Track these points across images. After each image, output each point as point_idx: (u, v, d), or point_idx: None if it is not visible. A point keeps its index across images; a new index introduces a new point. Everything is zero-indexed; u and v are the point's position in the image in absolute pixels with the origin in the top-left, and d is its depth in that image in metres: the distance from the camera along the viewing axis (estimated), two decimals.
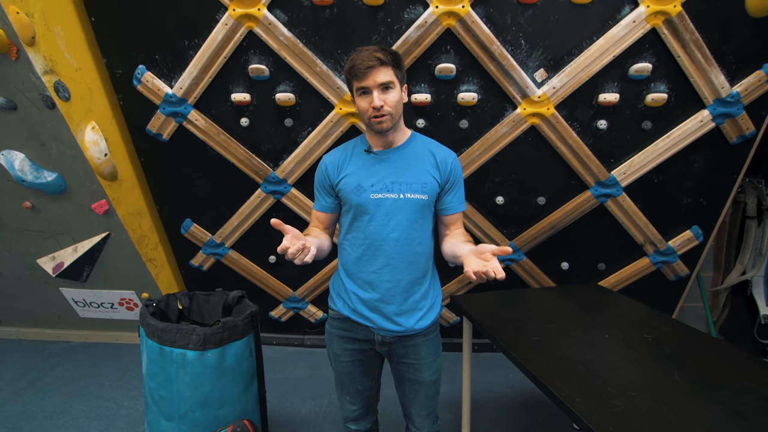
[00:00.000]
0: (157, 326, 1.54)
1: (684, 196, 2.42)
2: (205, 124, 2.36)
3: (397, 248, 1.39)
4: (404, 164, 1.41)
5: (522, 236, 2.59)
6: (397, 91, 1.34)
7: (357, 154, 1.45)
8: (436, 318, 1.51)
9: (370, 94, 1.32)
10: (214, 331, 1.52)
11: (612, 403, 1.20)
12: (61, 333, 3.22)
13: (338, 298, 1.51)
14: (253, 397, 1.70)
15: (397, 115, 1.36)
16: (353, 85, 1.35)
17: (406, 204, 1.38)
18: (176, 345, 1.51)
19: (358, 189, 1.40)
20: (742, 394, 1.24)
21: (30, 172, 2.36)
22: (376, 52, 1.29)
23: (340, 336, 1.51)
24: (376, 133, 1.40)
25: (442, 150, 1.47)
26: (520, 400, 2.50)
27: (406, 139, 1.45)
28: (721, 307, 3.11)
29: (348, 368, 1.53)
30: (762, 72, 2.05)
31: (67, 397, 2.52)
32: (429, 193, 1.40)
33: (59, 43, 2.09)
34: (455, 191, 1.47)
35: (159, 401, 1.57)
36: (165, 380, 1.53)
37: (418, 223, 1.41)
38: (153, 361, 1.56)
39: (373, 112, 1.32)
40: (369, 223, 1.39)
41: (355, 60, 1.31)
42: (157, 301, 1.79)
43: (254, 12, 2.08)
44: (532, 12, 2.05)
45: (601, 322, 1.78)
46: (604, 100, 2.18)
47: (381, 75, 1.30)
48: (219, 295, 1.93)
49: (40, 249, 2.76)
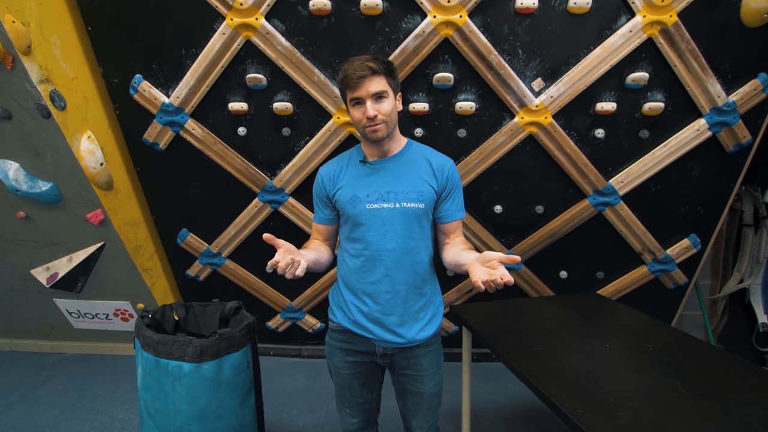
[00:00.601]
0: (153, 338, 1.51)
1: (681, 204, 2.42)
2: (202, 134, 2.35)
3: (396, 258, 1.38)
4: (400, 173, 1.40)
5: (520, 245, 2.58)
6: (391, 100, 1.34)
7: (353, 164, 1.45)
8: (437, 328, 1.49)
9: (363, 103, 1.31)
10: (210, 343, 1.50)
11: (615, 414, 1.19)
12: (54, 344, 3.17)
13: (338, 310, 1.49)
14: (251, 409, 1.67)
15: (391, 124, 1.36)
16: (347, 95, 1.34)
17: (403, 213, 1.37)
18: (172, 357, 1.48)
19: (353, 200, 1.39)
20: (746, 404, 1.23)
21: (24, 182, 2.33)
22: (369, 62, 1.29)
23: (341, 348, 1.49)
24: (371, 143, 1.39)
25: (438, 157, 1.46)
26: (519, 411, 2.47)
27: (402, 148, 1.44)
28: (719, 316, 3.11)
29: (348, 381, 1.51)
30: (758, 81, 2.06)
31: (60, 410, 2.47)
32: (426, 202, 1.39)
33: (55, 52, 2.08)
34: (453, 198, 1.45)
35: (154, 414, 1.53)
36: (160, 393, 1.50)
37: (416, 232, 1.40)
38: (148, 374, 1.53)
39: (367, 122, 1.32)
40: (366, 233, 1.38)
41: (348, 70, 1.31)
42: (153, 312, 1.77)
43: (252, 21, 2.08)
44: (530, 22, 2.06)
45: (602, 332, 1.77)
46: (601, 109, 2.19)
47: (374, 84, 1.29)
48: (216, 306, 1.90)
49: (34, 259, 2.72)
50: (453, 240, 1.46)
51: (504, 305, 2.06)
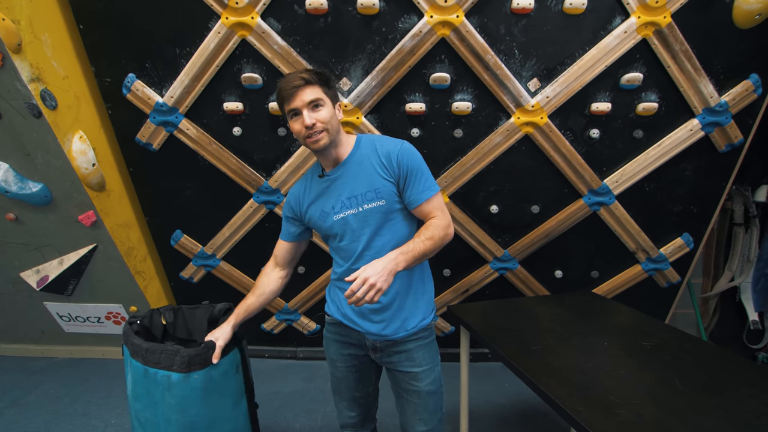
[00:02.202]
0: (142, 346, 1.47)
1: (674, 203, 2.45)
2: (197, 134, 2.33)
3: (371, 258, 1.33)
4: (354, 176, 1.39)
5: (516, 245, 2.59)
6: (329, 108, 1.33)
7: (314, 181, 1.45)
8: (428, 321, 1.48)
9: (300, 114, 1.31)
10: (198, 352, 1.46)
11: (615, 412, 1.20)
12: (44, 349, 3.12)
13: (332, 304, 1.54)
14: (244, 413, 1.64)
15: (333, 131, 1.34)
16: (284, 108, 1.34)
17: (368, 215, 1.37)
18: (161, 366, 1.44)
19: (322, 215, 1.42)
20: (743, 400, 1.25)
21: (14, 183, 2.29)
22: (301, 73, 1.30)
23: (336, 340, 1.53)
24: (318, 153, 1.39)
25: (385, 144, 1.39)
26: (515, 410, 2.48)
27: (352, 149, 1.41)
28: (711, 314, 3.15)
29: (344, 373, 1.54)
30: (749, 81, 2.09)
31: (51, 415, 2.42)
32: (386, 197, 1.36)
33: (46, 51, 2.05)
34: (413, 182, 1.36)
35: (145, 424, 1.50)
36: (150, 403, 1.47)
37: (387, 229, 1.39)
38: (138, 382, 1.49)
39: (307, 132, 1.31)
40: (340, 242, 1.42)
41: (282, 83, 1.31)
42: (141, 317, 1.73)
43: (248, 20, 2.06)
44: (526, 22, 2.07)
45: (599, 330, 1.78)
46: (596, 110, 2.20)
47: (307, 93, 1.29)
48: (205, 308, 1.85)
49: (23, 262, 2.67)
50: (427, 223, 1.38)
51: (501, 305, 2.06)
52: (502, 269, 2.68)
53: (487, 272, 2.69)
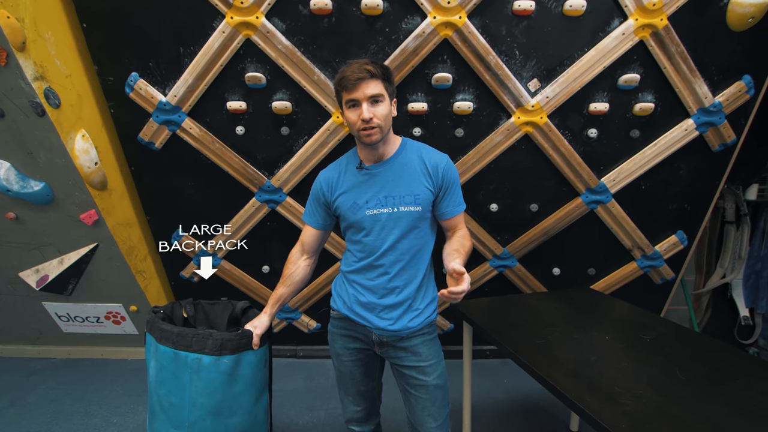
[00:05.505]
0: (173, 330, 1.50)
1: (669, 202, 2.50)
2: (200, 133, 2.33)
3: (394, 258, 1.43)
4: (396, 177, 1.42)
5: (515, 243, 2.63)
6: (387, 105, 1.35)
7: (350, 170, 1.47)
8: (432, 316, 1.52)
9: (359, 106, 1.32)
10: (231, 337, 1.50)
11: (621, 402, 1.23)
12: (42, 349, 3.09)
13: (339, 299, 1.55)
14: (264, 408, 1.67)
15: (386, 128, 1.37)
16: (342, 96, 1.36)
17: (401, 217, 1.40)
18: (192, 350, 1.47)
19: (354, 207, 1.43)
20: (741, 389, 1.29)
21: (16, 182, 2.27)
22: (367, 65, 1.31)
23: (342, 335, 1.55)
24: (365, 146, 1.41)
25: (432, 155, 1.46)
26: (516, 405, 2.52)
27: (397, 149, 1.45)
28: (703, 310, 3.22)
29: (350, 367, 1.56)
30: (742, 82, 2.16)
31: (52, 416, 2.41)
32: (422, 204, 1.41)
33: (50, 49, 2.04)
34: (450, 195, 1.46)
35: (168, 408, 1.52)
36: (177, 386, 1.49)
37: (414, 233, 1.43)
38: (165, 367, 1.51)
39: (362, 125, 1.33)
40: (366, 236, 1.44)
41: (345, 72, 1.32)
42: (162, 308, 1.76)
43: (252, 20, 2.08)
44: (527, 23, 2.11)
45: (600, 324, 1.82)
46: (594, 110, 2.25)
47: (371, 87, 1.31)
48: (224, 305, 1.90)
49: (23, 262, 2.65)
50: (454, 234, 1.49)
51: (502, 301, 2.10)
52: (502, 267, 2.71)
53: (487, 270, 2.73)
